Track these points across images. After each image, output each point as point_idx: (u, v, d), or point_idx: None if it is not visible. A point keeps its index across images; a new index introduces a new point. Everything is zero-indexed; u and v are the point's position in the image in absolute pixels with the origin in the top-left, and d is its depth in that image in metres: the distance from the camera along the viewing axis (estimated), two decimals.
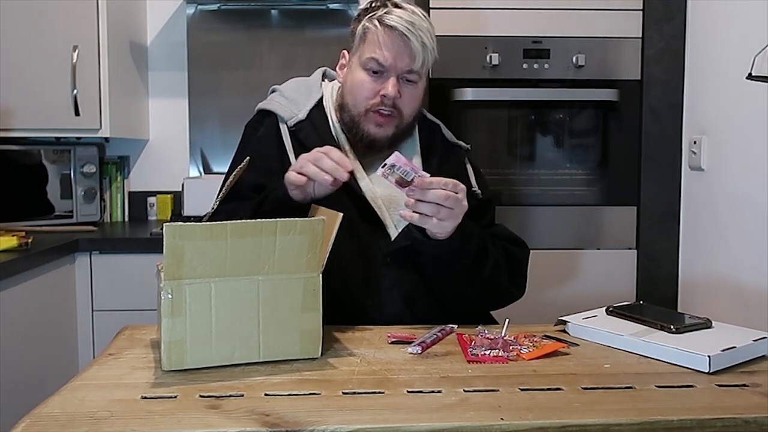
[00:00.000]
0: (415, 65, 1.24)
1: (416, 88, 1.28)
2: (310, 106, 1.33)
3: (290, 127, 1.31)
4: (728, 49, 2.04)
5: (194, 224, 0.88)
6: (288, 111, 1.33)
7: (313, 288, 0.96)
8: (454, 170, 1.33)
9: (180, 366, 0.91)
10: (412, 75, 1.25)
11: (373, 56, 1.24)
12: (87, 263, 2.14)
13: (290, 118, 1.32)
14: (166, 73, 2.70)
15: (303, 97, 1.35)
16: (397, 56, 1.23)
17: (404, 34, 1.22)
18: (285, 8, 2.67)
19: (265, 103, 1.37)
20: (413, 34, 1.22)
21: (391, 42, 1.23)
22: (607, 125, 2.34)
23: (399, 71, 1.24)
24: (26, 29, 2.23)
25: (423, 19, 1.25)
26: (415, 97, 1.29)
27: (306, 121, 1.31)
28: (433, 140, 1.37)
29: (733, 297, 2.00)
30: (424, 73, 1.29)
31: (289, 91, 1.37)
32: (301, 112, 1.32)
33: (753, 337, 1.00)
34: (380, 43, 1.23)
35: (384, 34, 1.23)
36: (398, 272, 1.24)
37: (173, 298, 0.89)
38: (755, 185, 1.89)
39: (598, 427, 0.77)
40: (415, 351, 1.01)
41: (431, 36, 1.25)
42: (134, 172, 2.72)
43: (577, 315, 1.14)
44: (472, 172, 1.38)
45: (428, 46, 1.24)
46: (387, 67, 1.24)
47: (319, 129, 1.31)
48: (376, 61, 1.24)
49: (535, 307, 2.28)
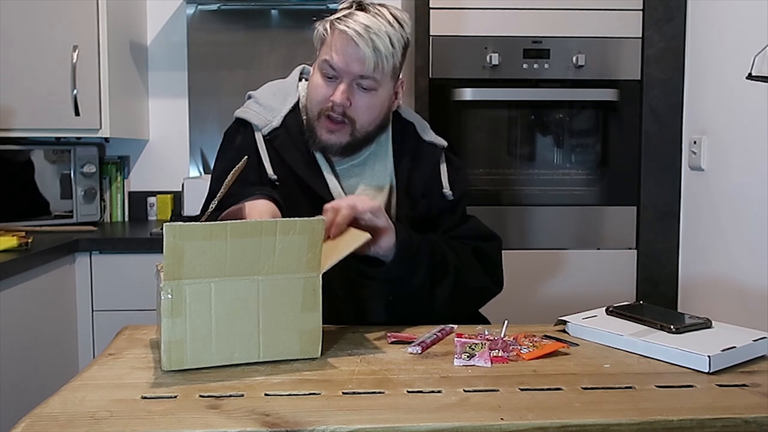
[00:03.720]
0: (366, 71, 1.20)
1: (373, 96, 1.23)
2: (285, 111, 1.31)
3: (265, 136, 1.29)
4: (728, 49, 2.04)
5: (194, 224, 0.88)
6: (262, 119, 1.31)
7: (313, 288, 0.96)
8: (427, 171, 1.32)
9: (180, 366, 0.91)
10: (366, 81, 1.22)
11: (325, 59, 1.22)
12: (87, 263, 2.14)
13: (264, 126, 1.30)
14: (166, 73, 2.70)
15: (278, 102, 1.33)
16: (348, 60, 1.20)
17: (353, 38, 1.18)
18: (285, 8, 2.67)
19: (240, 112, 1.35)
20: (363, 38, 1.18)
21: (342, 46, 1.20)
22: (607, 125, 2.34)
23: (351, 76, 1.21)
24: (26, 29, 2.23)
25: (386, 23, 1.21)
26: (371, 105, 1.24)
27: (281, 128, 1.30)
28: (406, 140, 1.34)
29: (733, 297, 2.00)
30: (385, 79, 1.24)
31: (264, 97, 1.35)
32: (275, 119, 1.30)
33: (753, 337, 1.00)
34: (332, 46, 1.22)
35: (335, 38, 1.21)
36: (377, 282, 1.22)
37: (173, 298, 0.89)
38: (755, 185, 1.89)
39: (598, 427, 0.77)
40: (415, 351, 1.01)
41: (391, 40, 1.20)
42: (134, 172, 2.72)
43: (577, 315, 1.14)
44: (446, 171, 1.34)
45: (383, 51, 1.19)
46: (338, 70, 1.21)
47: (294, 137, 1.29)
48: (328, 63, 1.22)
49: (535, 307, 2.29)
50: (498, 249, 1.34)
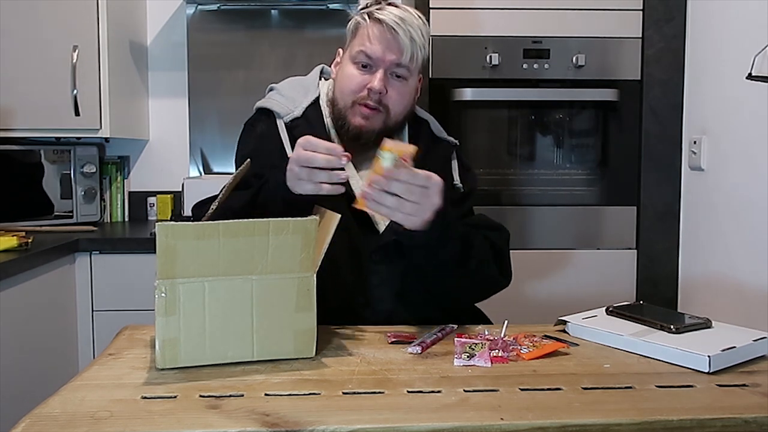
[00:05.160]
0: (404, 59, 1.24)
1: (405, 84, 1.27)
2: (306, 104, 1.34)
3: (286, 124, 1.32)
4: (728, 49, 2.04)
5: (186, 224, 0.89)
6: (285, 108, 1.34)
7: (307, 288, 0.96)
8: (439, 166, 1.33)
9: (174, 364, 0.91)
10: (400, 69, 1.25)
11: (361, 49, 1.25)
12: (87, 263, 2.14)
13: (286, 114, 1.33)
14: (166, 73, 2.70)
15: (300, 95, 1.36)
16: (386, 49, 1.23)
17: (393, 27, 1.22)
18: (285, 8, 2.67)
19: (263, 102, 1.38)
20: (401, 28, 1.22)
21: (380, 35, 1.24)
22: (607, 125, 2.34)
23: (387, 65, 1.24)
24: (26, 29, 2.23)
25: (415, 17, 1.26)
26: (404, 93, 1.28)
27: (301, 118, 1.32)
28: (420, 136, 1.37)
29: (733, 297, 2.00)
30: (415, 70, 1.28)
31: (287, 89, 1.38)
32: (297, 110, 1.33)
33: (753, 337, 1.00)
34: (369, 36, 1.25)
35: (373, 27, 1.25)
36: (388, 268, 1.25)
37: (167, 297, 0.90)
38: (755, 185, 1.89)
39: (598, 427, 0.77)
40: (415, 351, 1.01)
41: (422, 33, 1.25)
42: (134, 172, 2.72)
43: (577, 315, 1.14)
44: (457, 167, 1.38)
45: (417, 42, 1.24)
46: (375, 59, 1.24)
47: (314, 127, 1.31)
48: (364, 53, 1.24)
49: (535, 307, 2.29)
50: (506, 240, 1.34)
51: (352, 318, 1.19)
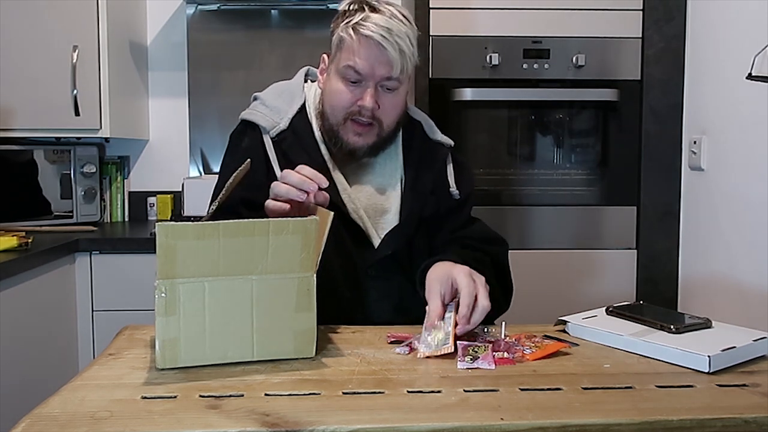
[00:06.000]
0: (393, 73, 1.20)
1: (396, 95, 1.24)
2: (292, 113, 1.30)
3: (273, 138, 1.28)
4: (728, 49, 2.04)
5: (186, 224, 0.89)
6: (270, 121, 1.29)
7: (307, 288, 0.96)
8: (434, 170, 1.32)
9: (174, 364, 0.91)
10: (391, 82, 1.21)
11: (349, 64, 1.20)
12: (87, 263, 2.14)
13: (272, 128, 1.28)
14: (166, 73, 2.70)
15: (285, 103, 1.32)
16: (374, 65, 1.19)
17: (380, 43, 1.18)
18: (285, 8, 2.67)
19: (247, 113, 1.33)
20: (389, 41, 1.17)
21: (368, 50, 1.19)
22: (607, 125, 2.34)
23: (377, 79, 1.21)
24: (26, 29, 2.23)
25: (401, 22, 1.20)
26: (396, 104, 1.25)
27: (288, 130, 1.28)
28: (414, 139, 1.34)
29: (733, 297, 2.00)
30: (405, 79, 1.24)
31: (271, 98, 1.33)
32: (283, 121, 1.29)
33: (753, 337, 1.00)
34: (356, 51, 1.20)
35: (359, 43, 1.19)
36: (386, 283, 1.23)
37: (167, 297, 0.90)
38: (755, 185, 1.89)
39: (598, 427, 0.77)
40: (402, 351, 1.00)
41: (410, 41, 1.21)
42: (134, 172, 2.72)
43: (577, 315, 1.14)
44: (452, 170, 1.35)
45: (406, 53, 1.20)
46: (364, 75, 1.20)
47: (302, 138, 1.28)
48: (352, 69, 1.20)
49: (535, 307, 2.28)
50: (505, 253, 1.33)
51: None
